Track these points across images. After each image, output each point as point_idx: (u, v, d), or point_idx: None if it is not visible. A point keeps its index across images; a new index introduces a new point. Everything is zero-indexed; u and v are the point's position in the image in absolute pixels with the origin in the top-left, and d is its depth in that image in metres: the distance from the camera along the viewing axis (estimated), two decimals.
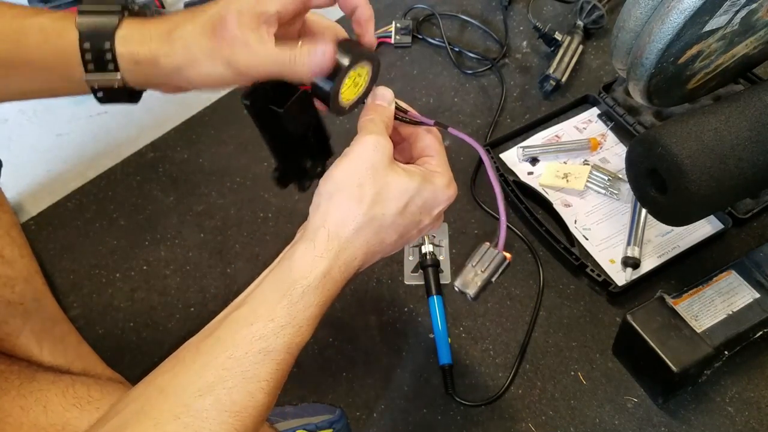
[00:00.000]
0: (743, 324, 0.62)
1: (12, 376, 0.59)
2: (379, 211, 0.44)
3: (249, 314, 0.42)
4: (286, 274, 0.43)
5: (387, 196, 0.44)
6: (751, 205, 0.77)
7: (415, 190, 0.45)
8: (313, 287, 0.42)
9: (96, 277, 0.79)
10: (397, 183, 0.44)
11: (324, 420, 0.65)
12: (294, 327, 0.42)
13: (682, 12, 0.60)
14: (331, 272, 0.43)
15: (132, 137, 0.92)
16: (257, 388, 0.40)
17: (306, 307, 0.42)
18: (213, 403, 0.38)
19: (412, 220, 0.46)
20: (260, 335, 0.41)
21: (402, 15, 1.01)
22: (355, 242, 0.44)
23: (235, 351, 0.40)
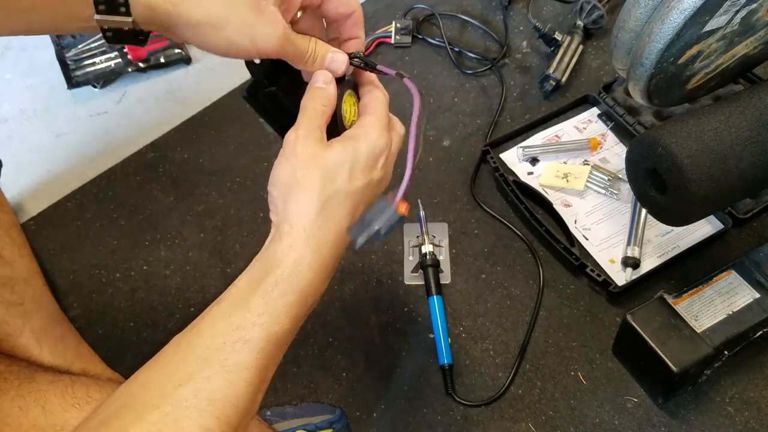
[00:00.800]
0: (743, 324, 0.62)
1: (11, 377, 0.58)
2: (330, 188, 0.45)
3: (226, 308, 0.43)
4: (259, 269, 0.44)
5: (330, 174, 0.45)
6: (751, 205, 0.77)
7: (352, 156, 0.46)
8: (286, 275, 0.43)
9: (96, 277, 0.79)
10: (335, 158, 0.45)
11: (324, 420, 0.65)
12: (272, 316, 0.42)
13: (682, 12, 0.60)
14: (304, 259, 0.44)
15: (132, 137, 0.92)
16: (237, 377, 0.41)
17: (282, 295, 0.43)
18: (192, 392, 0.39)
19: (363, 182, 0.47)
20: (237, 325, 0.41)
21: (402, 15, 1.01)
22: (321, 225, 0.45)
23: (213, 341, 0.41)
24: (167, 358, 0.41)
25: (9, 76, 1.01)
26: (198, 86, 0.97)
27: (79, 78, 0.96)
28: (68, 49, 0.98)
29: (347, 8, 0.49)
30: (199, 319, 0.43)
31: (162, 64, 0.98)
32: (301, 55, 0.47)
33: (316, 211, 0.44)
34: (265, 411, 0.67)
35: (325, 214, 0.45)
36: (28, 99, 0.98)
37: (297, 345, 0.72)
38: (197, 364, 0.40)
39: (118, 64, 0.97)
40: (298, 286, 0.43)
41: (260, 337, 0.42)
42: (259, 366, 0.42)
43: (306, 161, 0.45)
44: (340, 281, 0.76)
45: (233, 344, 0.41)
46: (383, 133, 0.48)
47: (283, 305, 0.43)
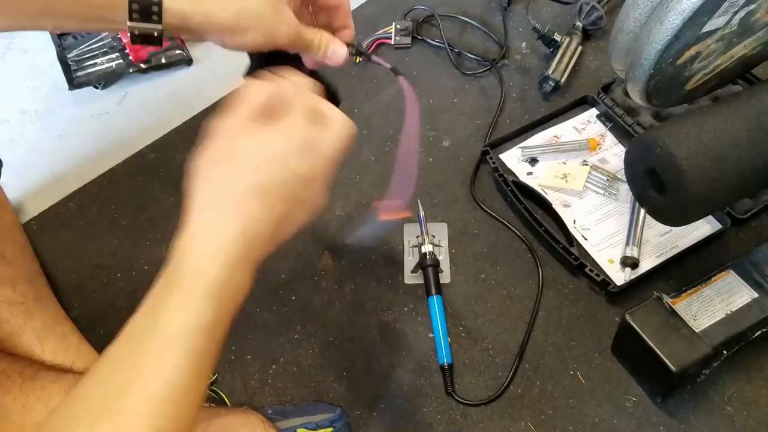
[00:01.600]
0: (742, 324, 0.63)
1: (14, 375, 0.59)
2: (213, 176, 0.44)
3: (149, 312, 0.44)
4: (173, 266, 0.45)
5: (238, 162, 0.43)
6: (750, 205, 0.77)
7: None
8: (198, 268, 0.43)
9: (97, 277, 0.79)
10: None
11: (324, 419, 0.65)
12: (192, 310, 0.42)
13: (680, 13, 0.60)
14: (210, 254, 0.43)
15: (133, 138, 0.92)
16: (172, 375, 0.40)
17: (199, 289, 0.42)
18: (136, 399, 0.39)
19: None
20: (164, 322, 0.41)
21: (402, 16, 1.01)
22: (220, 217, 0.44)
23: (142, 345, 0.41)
24: (106, 368, 0.41)
25: (11, 76, 1.02)
26: (199, 87, 0.97)
27: (81, 79, 0.96)
28: (70, 50, 0.99)
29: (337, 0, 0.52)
30: (128, 323, 0.43)
31: (163, 65, 0.98)
32: (309, 45, 0.49)
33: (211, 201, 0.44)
34: (267, 409, 0.67)
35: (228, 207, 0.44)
36: (29, 100, 0.98)
37: (297, 345, 0.73)
38: (133, 370, 0.40)
39: (120, 65, 0.97)
40: (213, 276, 0.42)
41: (188, 334, 0.41)
42: (192, 360, 0.41)
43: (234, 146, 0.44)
44: (340, 281, 0.77)
45: (162, 343, 0.41)
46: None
47: (200, 298, 0.42)
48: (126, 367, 0.40)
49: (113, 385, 0.40)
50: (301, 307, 0.75)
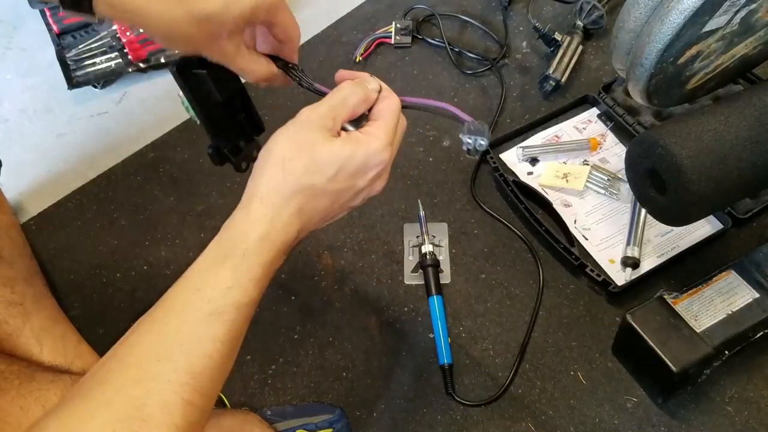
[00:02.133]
0: (743, 324, 0.62)
1: (11, 376, 0.59)
2: (309, 180, 0.46)
3: (196, 280, 0.44)
4: (225, 240, 0.45)
5: (317, 167, 0.46)
6: (751, 205, 0.77)
7: (346, 158, 0.46)
8: (252, 250, 0.44)
9: (96, 277, 0.79)
10: (328, 153, 0.46)
11: (324, 420, 0.65)
12: (240, 288, 0.43)
13: (681, 12, 0.60)
14: (269, 236, 0.45)
15: (132, 137, 0.92)
16: (213, 349, 0.42)
17: (249, 269, 0.44)
18: (172, 366, 0.40)
19: (345, 186, 0.47)
20: (208, 298, 0.42)
21: (402, 15, 1.01)
22: (288, 208, 0.46)
23: (187, 316, 0.42)
24: (142, 335, 0.42)
25: (10, 76, 1.02)
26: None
27: (80, 78, 0.96)
28: (69, 49, 0.98)
29: (294, 33, 0.51)
30: (169, 293, 0.44)
31: (162, 65, 0.98)
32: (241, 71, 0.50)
33: (287, 194, 0.45)
34: (266, 410, 0.67)
35: (295, 200, 0.46)
36: (28, 99, 0.98)
37: (297, 345, 0.72)
38: (174, 340, 0.41)
39: (119, 64, 0.97)
40: (263, 260, 0.45)
41: (230, 309, 0.43)
42: (231, 337, 0.43)
43: (302, 144, 0.46)
44: (340, 281, 0.77)
45: (206, 317, 0.42)
46: (387, 147, 0.48)
47: (249, 279, 0.44)
48: (166, 334, 0.41)
49: (151, 351, 0.41)
50: (300, 307, 0.75)
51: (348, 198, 0.49)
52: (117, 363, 0.41)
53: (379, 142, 0.48)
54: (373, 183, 0.49)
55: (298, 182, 0.45)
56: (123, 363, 0.41)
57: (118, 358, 0.41)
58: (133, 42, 0.99)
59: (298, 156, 0.45)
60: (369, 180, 0.49)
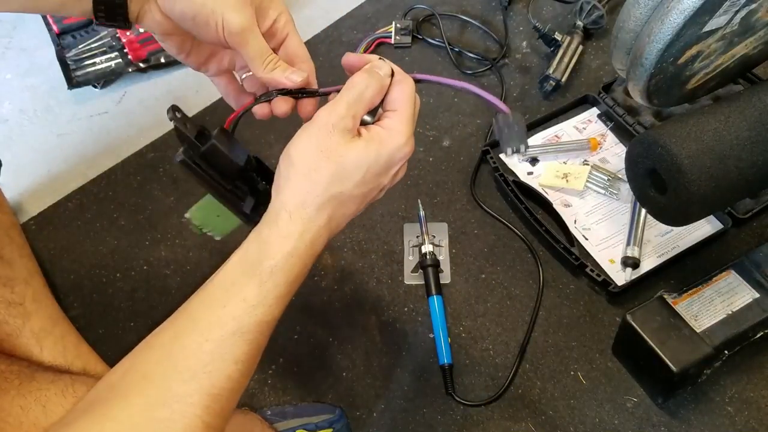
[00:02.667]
0: (743, 324, 0.62)
1: (11, 376, 0.59)
2: (338, 189, 0.45)
3: (221, 295, 0.43)
4: (253, 255, 0.44)
5: (344, 174, 0.45)
6: (751, 205, 0.77)
7: (372, 160, 0.45)
8: (280, 267, 0.43)
9: (96, 277, 0.79)
10: (353, 158, 0.45)
11: (324, 420, 0.65)
12: (264, 306, 0.42)
13: (681, 12, 0.60)
14: (296, 252, 0.44)
15: (132, 137, 0.92)
16: (234, 370, 0.41)
17: (275, 287, 0.43)
18: (196, 388, 0.39)
19: (372, 187, 0.47)
20: (233, 316, 0.42)
21: (402, 15, 1.01)
22: (318, 221, 0.45)
23: (211, 334, 0.41)
24: (166, 350, 0.41)
25: (9, 76, 1.02)
26: (198, 86, 0.97)
27: (80, 78, 0.96)
28: (69, 49, 0.98)
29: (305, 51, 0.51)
30: (193, 303, 0.43)
31: (162, 65, 0.98)
32: (260, 53, 0.47)
33: (316, 206, 0.44)
34: (266, 410, 0.67)
35: (325, 211, 0.45)
36: (28, 99, 0.98)
37: (297, 345, 0.72)
38: (198, 359, 0.40)
39: (119, 64, 0.97)
40: (290, 278, 0.44)
41: (253, 329, 0.42)
42: (250, 357, 0.42)
43: (325, 152, 0.44)
44: (340, 281, 0.77)
45: (230, 336, 0.41)
46: (409, 140, 0.47)
47: (274, 297, 0.43)
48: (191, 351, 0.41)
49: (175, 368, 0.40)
50: (300, 307, 0.75)
51: (373, 196, 0.48)
52: (140, 378, 0.40)
53: (401, 136, 0.46)
54: (396, 176, 0.49)
55: (327, 192, 0.44)
56: (146, 379, 0.40)
57: (140, 372, 0.41)
58: (133, 42, 0.99)
59: (323, 165, 0.44)
60: (392, 175, 0.48)
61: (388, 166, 0.47)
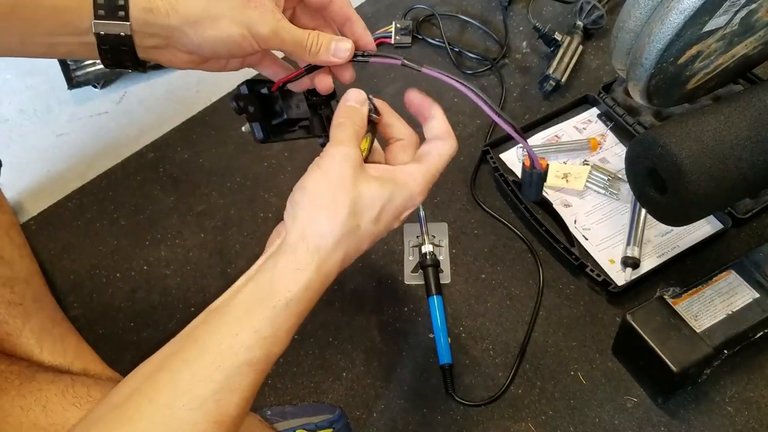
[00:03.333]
0: (743, 324, 0.62)
1: (12, 376, 0.59)
2: (355, 222, 0.44)
3: (233, 323, 0.42)
4: (268, 285, 0.43)
5: (361, 207, 0.44)
6: (751, 205, 0.77)
7: (387, 198, 0.45)
8: (296, 300, 0.43)
9: (96, 277, 0.79)
10: (370, 194, 0.45)
11: (324, 420, 0.65)
12: (275, 338, 0.42)
13: (681, 12, 0.60)
14: (312, 285, 0.43)
15: (132, 137, 0.92)
16: (241, 398, 0.41)
17: (288, 318, 0.42)
18: (204, 416, 0.39)
19: (384, 228, 0.47)
20: (246, 346, 0.41)
21: (402, 15, 1.01)
22: (335, 255, 0.44)
23: (222, 362, 0.40)
24: (174, 375, 0.41)
25: (9, 75, 1.02)
26: (198, 86, 0.97)
27: (80, 78, 0.96)
28: None
29: (351, 9, 0.48)
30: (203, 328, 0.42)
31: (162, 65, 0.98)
32: (299, 42, 0.46)
33: (335, 239, 0.44)
34: (266, 410, 0.67)
35: (343, 245, 0.44)
36: (28, 99, 0.98)
37: (297, 345, 0.72)
38: (207, 387, 0.40)
39: None
40: (302, 310, 0.43)
41: (262, 359, 0.42)
42: (257, 385, 0.42)
43: (342, 184, 0.44)
44: (340, 281, 0.77)
45: (240, 366, 0.41)
46: (424, 191, 0.47)
47: (286, 329, 0.42)
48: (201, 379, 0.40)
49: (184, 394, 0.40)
50: None
51: (377, 237, 0.48)
52: (146, 402, 0.40)
53: (419, 186, 0.47)
54: (402, 222, 0.49)
55: (345, 226, 0.44)
56: (153, 403, 0.39)
57: (147, 396, 0.40)
58: None
59: (341, 195, 0.44)
60: (402, 220, 0.48)
61: (401, 209, 0.47)
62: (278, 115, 0.50)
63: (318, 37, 0.46)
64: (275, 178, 0.86)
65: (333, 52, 0.47)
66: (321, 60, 0.47)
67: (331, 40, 0.46)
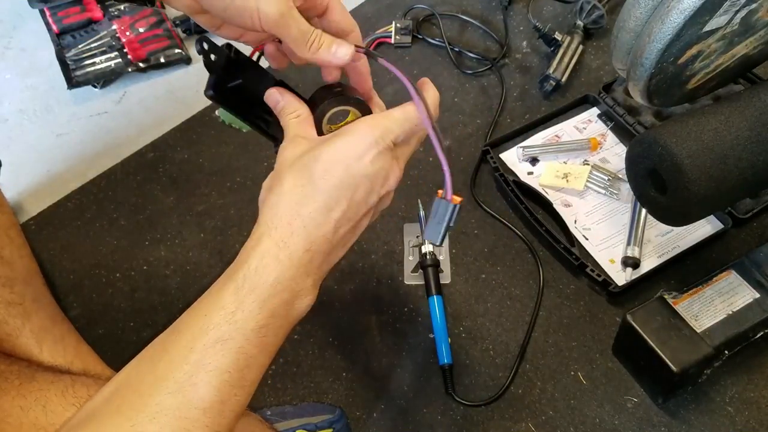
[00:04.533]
0: (743, 324, 0.62)
1: (12, 376, 0.59)
2: (300, 182, 0.44)
3: (204, 305, 0.43)
4: (232, 266, 0.44)
5: (301, 167, 0.45)
6: (751, 205, 0.77)
7: (332, 151, 0.45)
8: (253, 269, 0.43)
9: (96, 277, 0.79)
10: (310, 153, 0.45)
11: (324, 420, 0.65)
12: (244, 312, 0.42)
13: (682, 12, 0.60)
14: (268, 252, 0.43)
15: (132, 137, 0.92)
16: (221, 381, 0.40)
17: (252, 290, 0.42)
18: (183, 401, 0.39)
19: (342, 180, 0.45)
20: (214, 324, 0.41)
21: (402, 15, 1.01)
22: (284, 218, 0.44)
23: (194, 343, 0.41)
24: (154, 362, 0.41)
25: (9, 75, 1.01)
26: (198, 86, 0.97)
27: (79, 78, 0.96)
28: (68, 49, 0.98)
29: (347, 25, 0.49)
30: (182, 317, 0.44)
31: (162, 64, 0.98)
32: (303, 35, 0.45)
33: (286, 206, 0.44)
34: (266, 411, 0.67)
35: (288, 207, 0.44)
36: (28, 99, 0.98)
37: (297, 345, 0.72)
38: (182, 370, 0.40)
39: (118, 64, 0.97)
40: (267, 279, 0.43)
41: (237, 336, 0.41)
42: (240, 367, 0.41)
43: (285, 163, 0.46)
44: (340, 281, 0.77)
45: (213, 345, 0.41)
46: (370, 151, 0.45)
47: (254, 300, 0.42)
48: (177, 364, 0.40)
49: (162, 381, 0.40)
50: None
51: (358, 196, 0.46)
52: (131, 392, 0.40)
53: (366, 127, 0.46)
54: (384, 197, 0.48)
55: (293, 192, 0.44)
56: (136, 393, 0.40)
57: (131, 385, 0.40)
58: (133, 42, 0.99)
59: (284, 171, 0.46)
60: (372, 174, 0.46)
61: (351, 154, 0.45)
62: (236, 79, 0.50)
63: (321, 36, 0.46)
64: None
65: (334, 53, 0.47)
66: (319, 57, 0.47)
67: (333, 42, 0.47)
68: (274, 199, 0.45)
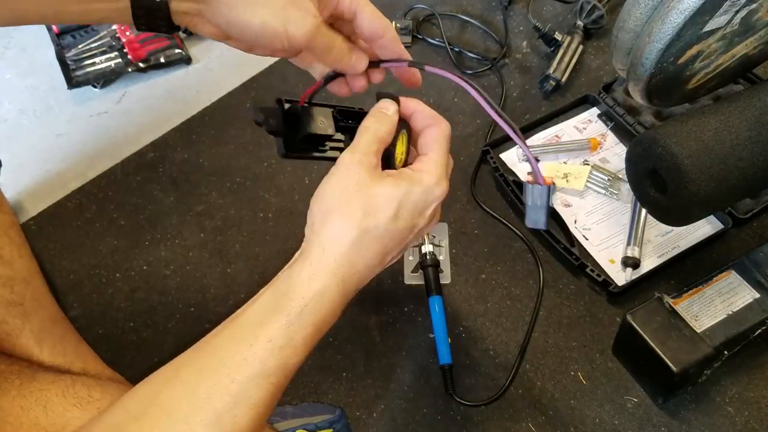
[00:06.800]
0: (743, 324, 0.62)
1: (12, 376, 0.58)
2: (371, 222, 0.44)
3: (248, 334, 0.41)
4: (282, 293, 0.43)
5: (376, 207, 0.44)
6: (751, 205, 0.77)
7: (403, 196, 0.45)
8: (310, 306, 0.42)
9: (96, 277, 0.79)
10: (384, 192, 0.44)
11: (324, 420, 0.65)
12: (291, 348, 0.41)
13: (682, 12, 0.60)
14: (328, 290, 0.43)
15: (132, 137, 0.92)
16: (256, 412, 0.40)
17: (303, 327, 0.42)
18: (219, 431, 0.39)
19: (405, 226, 0.46)
20: (259, 358, 0.40)
21: (402, 15, 1.01)
22: (351, 257, 0.44)
23: (237, 374, 0.40)
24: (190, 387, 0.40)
25: (9, 75, 1.01)
26: (198, 86, 0.97)
27: (79, 78, 0.96)
28: (68, 49, 0.98)
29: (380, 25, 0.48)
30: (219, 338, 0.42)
31: (162, 64, 0.98)
32: (328, 48, 0.46)
33: (350, 241, 0.43)
34: None
35: (358, 246, 0.44)
36: (28, 99, 0.98)
37: None
38: (223, 401, 0.39)
39: (118, 64, 0.97)
40: (318, 319, 0.43)
41: (278, 371, 0.41)
42: (273, 399, 0.41)
43: (353, 188, 0.44)
44: None
45: (255, 378, 0.40)
46: (441, 181, 0.47)
47: (302, 338, 0.42)
48: (217, 392, 0.40)
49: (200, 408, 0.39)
50: None
51: (408, 240, 0.47)
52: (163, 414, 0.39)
53: (431, 177, 0.46)
54: (431, 220, 0.48)
55: (360, 227, 0.43)
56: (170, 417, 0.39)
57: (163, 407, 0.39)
58: (133, 42, 0.99)
59: (354, 199, 0.44)
60: (428, 217, 0.47)
61: (421, 205, 0.46)
62: (302, 131, 0.49)
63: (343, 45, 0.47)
64: (275, 178, 0.85)
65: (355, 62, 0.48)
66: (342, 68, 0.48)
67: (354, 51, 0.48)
68: (340, 230, 0.44)
